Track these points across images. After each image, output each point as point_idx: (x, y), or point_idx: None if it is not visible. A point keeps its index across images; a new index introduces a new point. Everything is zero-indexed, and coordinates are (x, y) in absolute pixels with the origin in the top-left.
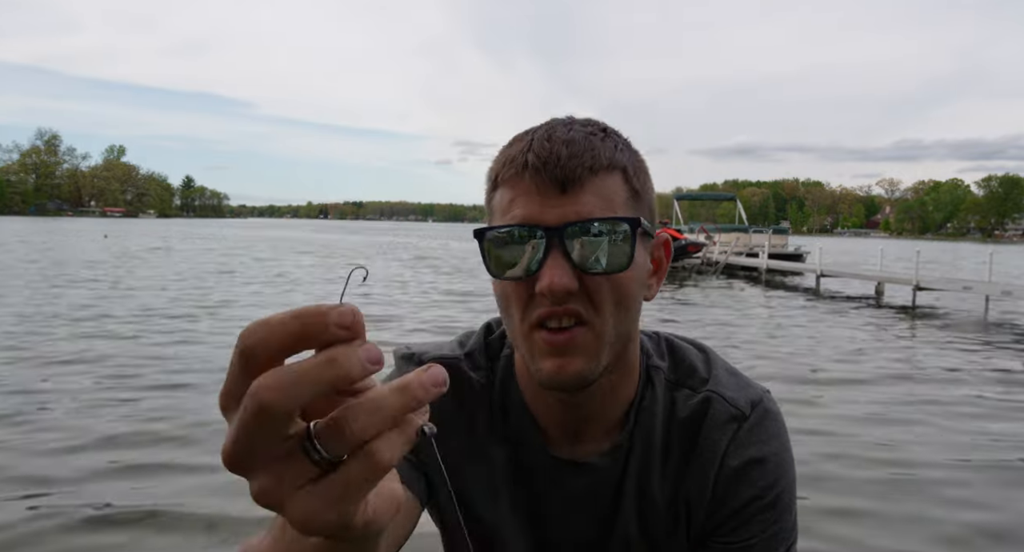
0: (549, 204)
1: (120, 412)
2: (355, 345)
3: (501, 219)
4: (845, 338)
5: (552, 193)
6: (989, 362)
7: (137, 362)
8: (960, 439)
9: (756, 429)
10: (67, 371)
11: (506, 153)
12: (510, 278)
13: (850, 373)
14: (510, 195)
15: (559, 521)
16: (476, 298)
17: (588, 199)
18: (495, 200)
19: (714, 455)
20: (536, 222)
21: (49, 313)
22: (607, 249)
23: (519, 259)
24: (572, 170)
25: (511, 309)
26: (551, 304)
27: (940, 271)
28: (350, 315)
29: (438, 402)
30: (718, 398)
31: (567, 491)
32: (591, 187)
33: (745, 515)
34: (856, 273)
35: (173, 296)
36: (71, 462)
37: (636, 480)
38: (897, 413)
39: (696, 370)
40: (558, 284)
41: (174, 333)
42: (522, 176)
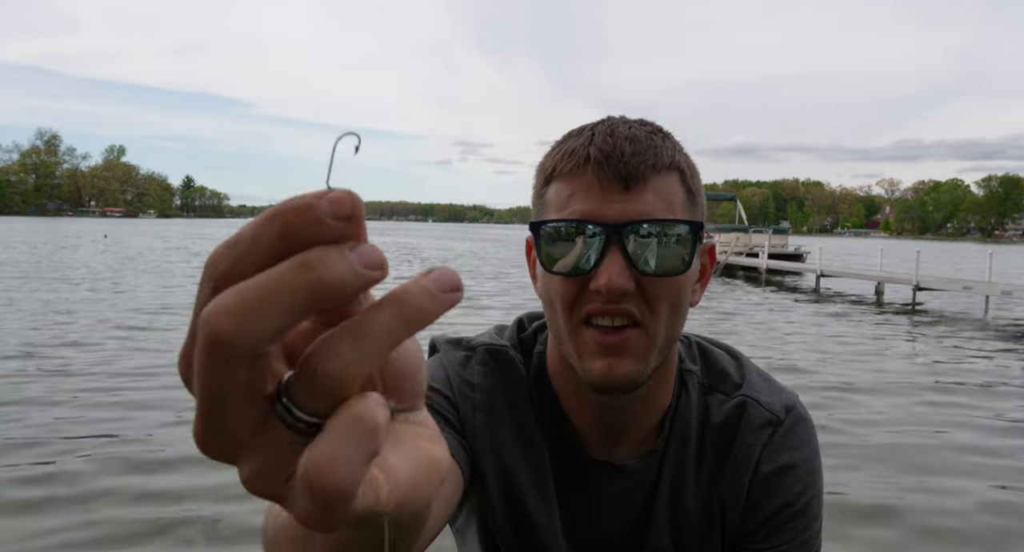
0: (610, 200)
1: None
2: (345, 245)
3: (557, 214)
4: (845, 338)
5: (614, 189)
6: (989, 362)
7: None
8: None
9: (790, 435)
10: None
11: (563, 147)
12: (563, 273)
13: (849, 373)
14: (569, 189)
15: (593, 526)
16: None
17: (649, 198)
18: (549, 194)
19: (749, 460)
20: (596, 218)
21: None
22: (666, 251)
23: (574, 254)
24: (636, 167)
25: (558, 304)
26: (604, 302)
27: (940, 271)
28: (348, 201)
29: (490, 385)
30: (753, 403)
31: (603, 494)
32: (653, 186)
33: (776, 522)
34: (856, 273)
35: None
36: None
37: (670, 486)
38: (896, 413)
39: (729, 375)
40: (615, 283)
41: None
42: (584, 170)
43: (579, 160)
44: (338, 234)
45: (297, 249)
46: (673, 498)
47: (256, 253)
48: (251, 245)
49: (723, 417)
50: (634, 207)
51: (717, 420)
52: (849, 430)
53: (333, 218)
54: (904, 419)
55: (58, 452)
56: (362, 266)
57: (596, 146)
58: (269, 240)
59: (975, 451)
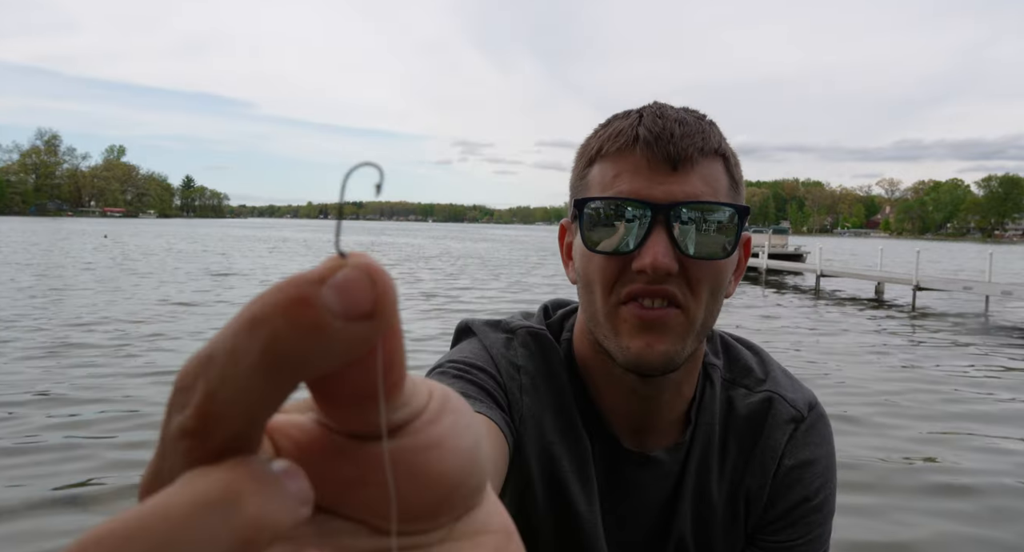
0: (657, 180)
1: None
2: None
3: (602, 193)
4: (845, 338)
5: (662, 169)
6: (990, 363)
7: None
8: (959, 441)
9: (811, 431)
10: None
11: (610, 128)
12: (607, 252)
13: (849, 372)
14: (615, 169)
15: (621, 516)
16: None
17: (696, 181)
18: (592, 174)
19: (775, 454)
20: (643, 197)
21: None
22: (711, 234)
23: (618, 233)
24: (684, 149)
25: (597, 284)
26: (647, 283)
27: (940, 271)
28: (366, 286)
29: (534, 368)
30: (779, 398)
31: (632, 485)
32: (700, 169)
33: (794, 516)
34: (856, 273)
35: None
36: None
37: (696, 478)
38: (897, 412)
39: (752, 370)
40: (661, 263)
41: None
42: (632, 149)
43: (627, 139)
44: (353, 346)
45: (292, 376)
46: (698, 490)
47: (235, 383)
48: (228, 368)
49: (748, 411)
50: (681, 188)
51: (741, 414)
52: (849, 429)
53: (345, 318)
54: (904, 419)
55: None
56: (297, 502)
57: (645, 126)
58: (251, 364)
59: (976, 450)
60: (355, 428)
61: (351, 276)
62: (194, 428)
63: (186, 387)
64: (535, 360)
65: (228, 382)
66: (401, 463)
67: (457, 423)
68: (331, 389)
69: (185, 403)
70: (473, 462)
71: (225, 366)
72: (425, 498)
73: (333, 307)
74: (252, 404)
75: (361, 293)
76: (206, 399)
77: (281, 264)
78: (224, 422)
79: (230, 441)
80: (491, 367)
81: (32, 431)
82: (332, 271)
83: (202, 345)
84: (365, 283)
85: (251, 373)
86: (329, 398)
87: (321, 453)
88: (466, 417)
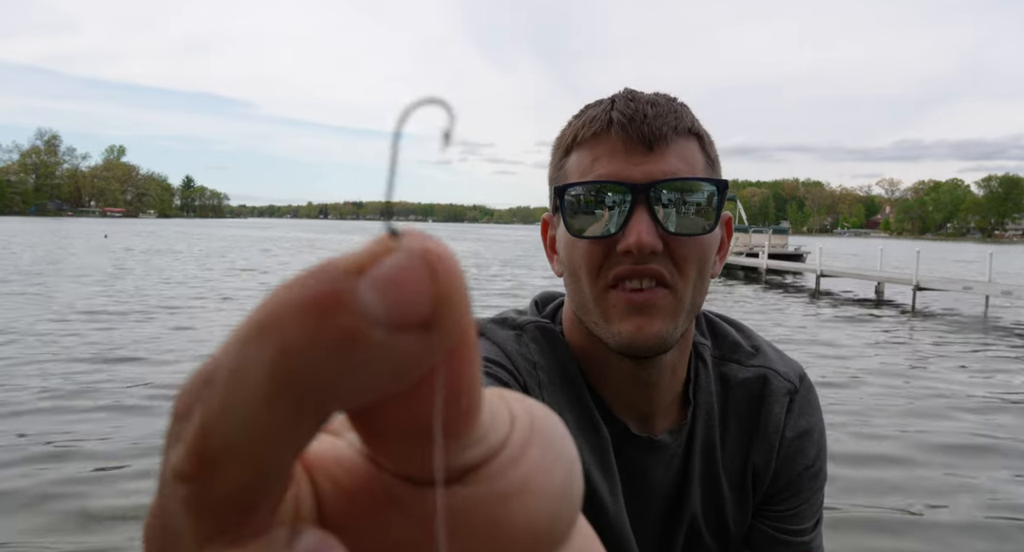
0: (634, 161)
1: None
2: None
3: (580, 179)
4: (845, 338)
5: (638, 150)
6: (990, 362)
7: None
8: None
9: (805, 402)
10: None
11: (583, 116)
12: (590, 236)
13: (849, 372)
14: (591, 155)
15: (635, 501)
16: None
17: (672, 160)
18: (569, 163)
19: (777, 428)
20: (622, 179)
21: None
22: (693, 210)
23: (600, 218)
24: (659, 128)
25: (583, 270)
26: (633, 263)
27: (941, 271)
28: (424, 279)
29: (547, 363)
30: (773, 373)
31: (642, 469)
32: (675, 148)
33: (798, 484)
34: (856, 273)
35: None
36: None
37: (702, 459)
38: (896, 412)
39: (740, 345)
40: (645, 241)
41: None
42: (607, 133)
43: (601, 124)
44: (403, 368)
45: (314, 408)
46: (705, 470)
47: (238, 414)
48: (230, 395)
49: (744, 387)
50: (658, 168)
51: (738, 389)
52: (848, 428)
53: (391, 328)
54: (904, 419)
55: None
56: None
57: (618, 110)
58: (257, 390)
59: (974, 450)
60: (411, 472)
61: (403, 265)
62: (190, 472)
63: (182, 415)
64: (547, 355)
65: (229, 413)
66: (475, 516)
67: (546, 456)
68: (375, 423)
69: (179, 436)
70: (565, 501)
71: (226, 391)
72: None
73: (374, 311)
74: (261, 444)
75: (416, 291)
76: (201, 434)
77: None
78: (226, 467)
79: (238, 493)
80: (509, 364)
81: None
82: (376, 257)
83: (206, 358)
84: (422, 276)
85: (257, 401)
86: (374, 433)
87: (369, 503)
88: (557, 441)
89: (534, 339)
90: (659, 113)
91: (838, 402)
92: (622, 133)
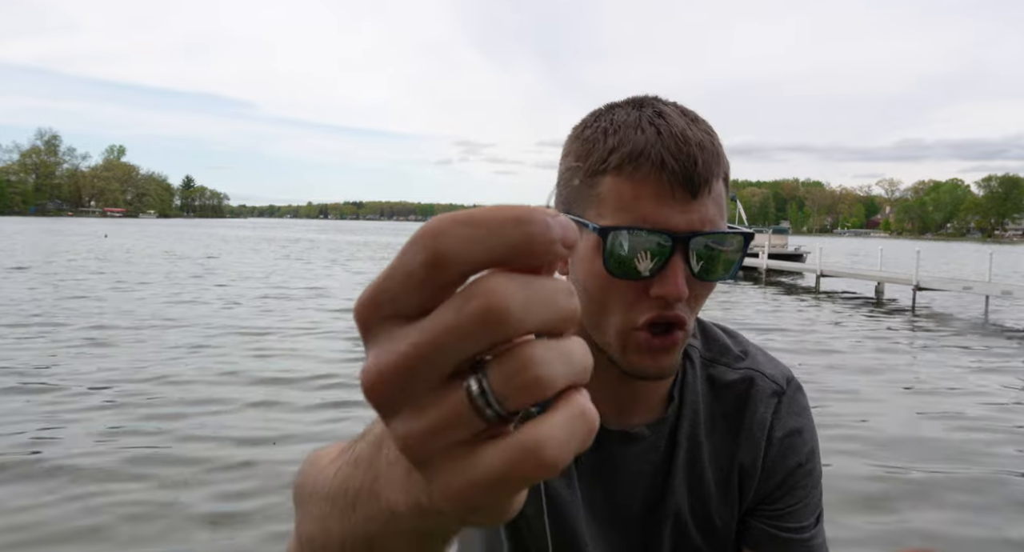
0: (678, 209)
1: None
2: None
3: (618, 213)
4: (845, 338)
5: (683, 198)
6: (990, 363)
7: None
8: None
9: (792, 402)
10: None
11: (622, 138)
12: (626, 276)
13: (849, 372)
14: (634, 191)
15: (610, 496)
16: None
17: (710, 207)
18: (605, 187)
19: (763, 428)
20: (667, 227)
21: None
22: (722, 260)
23: (639, 260)
24: (706, 177)
25: (612, 306)
26: (661, 308)
27: (941, 270)
28: (573, 230)
29: None
30: (759, 375)
31: (618, 463)
32: (713, 194)
33: (791, 482)
34: (856, 273)
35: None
36: None
37: (686, 453)
38: (896, 412)
39: (729, 348)
40: (682, 291)
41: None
42: (655, 175)
43: (652, 164)
44: (554, 263)
45: (524, 258)
46: (690, 465)
47: (492, 245)
48: (493, 233)
49: (731, 388)
50: (698, 216)
51: (726, 390)
52: (847, 426)
53: (563, 243)
54: (903, 418)
55: None
56: (562, 240)
57: (668, 151)
58: (510, 240)
59: (974, 450)
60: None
61: (563, 222)
62: (441, 265)
63: (442, 233)
64: None
65: (484, 247)
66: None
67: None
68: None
69: (441, 246)
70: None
71: (488, 233)
72: None
73: (559, 235)
74: (491, 264)
75: (571, 228)
76: (465, 250)
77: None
78: (467, 269)
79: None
80: None
81: None
82: (553, 214)
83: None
84: (572, 228)
85: (506, 246)
86: None
87: None
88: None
89: None
90: (706, 160)
91: (838, 401)
92: (672, 179)
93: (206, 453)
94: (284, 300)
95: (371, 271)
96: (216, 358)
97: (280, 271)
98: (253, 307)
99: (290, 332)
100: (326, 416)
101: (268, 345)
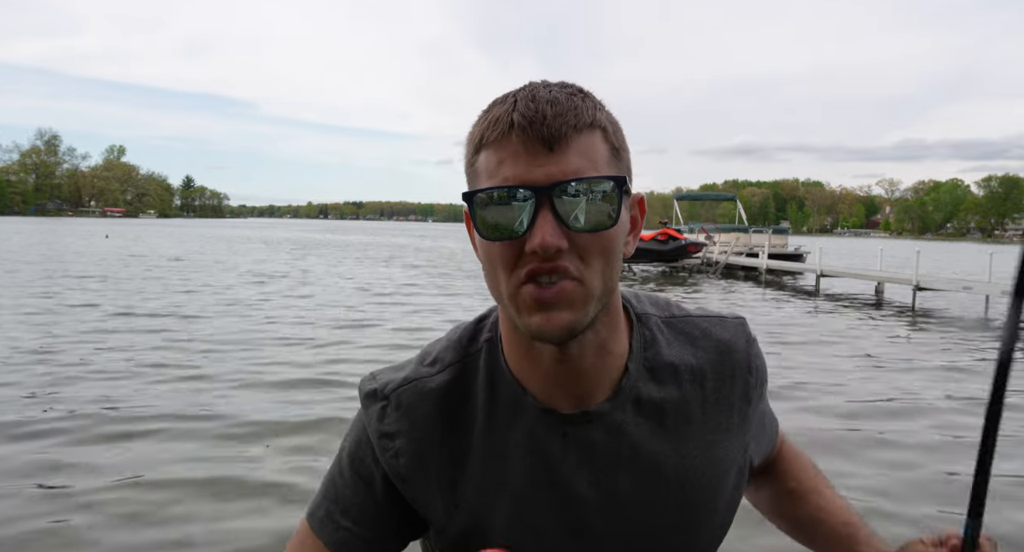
0: (536, 164)
1: None
2: None
3: (488, 181)
4: (845, 338)
5: (539, 152)
6: (989, 362)
7: None
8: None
9: (751, 336)
10: None
11: (489, 116)
12: (500, 238)
13: (849, 372)
14: (497, 157)
15: (594, 480)
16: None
17: (574, 158)
18: (479, 163)
19: (744, 368)
20: (525, 182)
21: None
22: (594, 207)
23: (508, 220)
24: (558, 129)
25: (498, 270)
26: (540, 261)
27: (942, 270)
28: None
29: (408, 426)
30: (718, 319)
31: (585, 443)
32: (576, 146)
33: (763, 407)
34: (856, 273)
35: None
36: None
37: (673, 415)
38: (896, 411)
39: (680, 305)
40: (549, 242)
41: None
42: (509, 136)
43: (504, 127)
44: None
45: None
46: (676, 424)
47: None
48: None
49: (707, 337)
50: (559, 168)
51: (702, 339)
52: (848, 424)
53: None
54: (904, 418)
55: None
56: None
57: (519, 112)
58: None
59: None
60: None
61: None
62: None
63: None
64: (411, 413)
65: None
66: None
67: None
68: None
69: None
70: None
71: None
72: None
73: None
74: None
75: None
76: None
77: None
78: None
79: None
80: (369, 456)
81: None
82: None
83: None
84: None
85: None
86: None
87: None
88: None
89: (396, 407)
90: (558, 112)
91: (837, 401)
92: (523, 135)
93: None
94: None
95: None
96: None
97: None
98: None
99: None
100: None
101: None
